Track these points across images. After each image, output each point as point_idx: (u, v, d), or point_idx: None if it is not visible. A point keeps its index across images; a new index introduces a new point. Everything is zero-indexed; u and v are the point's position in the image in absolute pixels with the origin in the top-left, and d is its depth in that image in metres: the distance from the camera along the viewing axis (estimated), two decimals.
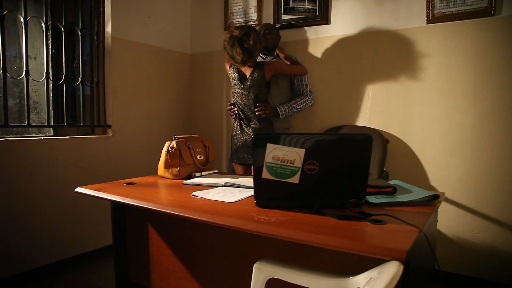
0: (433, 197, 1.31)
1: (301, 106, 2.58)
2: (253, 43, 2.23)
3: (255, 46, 2.25)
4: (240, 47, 2.22)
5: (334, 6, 2.71)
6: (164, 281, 1.72)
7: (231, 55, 2.28)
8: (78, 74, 2.65)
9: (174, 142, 1.87)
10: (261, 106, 2.40)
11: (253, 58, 2.29)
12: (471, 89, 2.27)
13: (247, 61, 2.28)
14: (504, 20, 2.15)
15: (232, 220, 1.13)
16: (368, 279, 0.89)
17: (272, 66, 2.38)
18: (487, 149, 2.24)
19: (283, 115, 2.51)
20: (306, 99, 2.60)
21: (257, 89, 2.38)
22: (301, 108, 2.59)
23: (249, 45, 2.23)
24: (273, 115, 2.48)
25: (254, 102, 2.40)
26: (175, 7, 3.28)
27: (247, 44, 2.22)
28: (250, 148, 2.37)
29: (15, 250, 2.27)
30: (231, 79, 2.48)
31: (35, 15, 2.45)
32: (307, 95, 2.61)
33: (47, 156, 2.41)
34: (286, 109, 2.52)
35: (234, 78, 2.44)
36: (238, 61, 2.28)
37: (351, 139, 1.22)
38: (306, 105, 2.60)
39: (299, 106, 2.57)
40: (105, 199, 1.50)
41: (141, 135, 3.03)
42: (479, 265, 2.28)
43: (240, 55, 2.23)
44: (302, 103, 2.58)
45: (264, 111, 2.40)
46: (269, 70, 2.37)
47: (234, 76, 2.44)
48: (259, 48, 2.31)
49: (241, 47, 2.22)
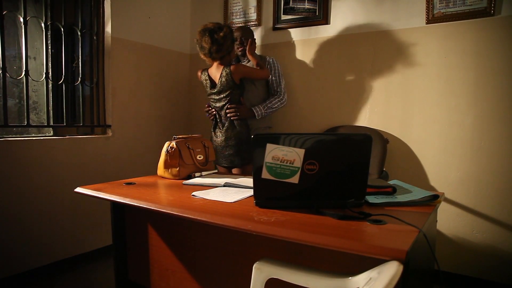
0: (433, 197, 1.31)
1: (276, 105, 2.53)
2: (223, 35, 2.24)
3: (225, 39, 2.25)
4: (210, 36, 2.24)
5: (334, 6, 2.71)
6: (164, 281, 1.72)
7: (200, 44, 2.28)
8: (78, 74, 2.65)
9: (174, 142, 1.87)
10: (232, 108, 2.38)
11: (221, 52, 2.28)
12: (471, 89, 2.27)
13: (214, 53, 2.27)
14: (503, 20, 2.15)
15: (232, 220, 1.13)
16: (368, 279, 0.89)
17: (238, 69, 2.36)
18: (487, 149, 2.24)
19: (259, 116, 2.47)
20: (280, 98, 2.55)
21: (228, 93, 2.37)
22: (276, 107, 2.54)
23: (218, 37, 2.24)
24: (248, 116, 2.45)
25: (227, 105, 2.39)
26: (175, 7, 3.28)
27: (217, 35, 2.24)
28: (224, 151, 2.41)
29: (15, 250, 2.27)
30: (203, 85, 2.49)
31: (35, 15, 2.45)
32: (281, 94, 2.57)
33: (46, 156, 2.41)
34: (262, 109, 2.48)
35: (205, 84, 2.45)
36: (205, 50, 2.27)
37: (350, 139, 1.23)
38: (281, 104, 2.56)
39: (274, 106, 2.52)
40: (104, 199, 1.50)
41: (141, 135, 3.03)
42: (479, 265, 2.28)
43: (208, 44, 2.24)
44: (276, 102, 2.53)
45: (236, 113, 2.38)
46: (236, 72, 2.34)
47: (206, 81, 2.45)
48: (229, 45, 2.30)
49: (211, 37, 2.23)
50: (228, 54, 2.37)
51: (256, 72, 2.43)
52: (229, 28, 2.33)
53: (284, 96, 2.58)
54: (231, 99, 2.39)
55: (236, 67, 2.34)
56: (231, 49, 2.38)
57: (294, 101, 2.91)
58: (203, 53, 2.32)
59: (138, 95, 2.99)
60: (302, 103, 2.88)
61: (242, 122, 2.41)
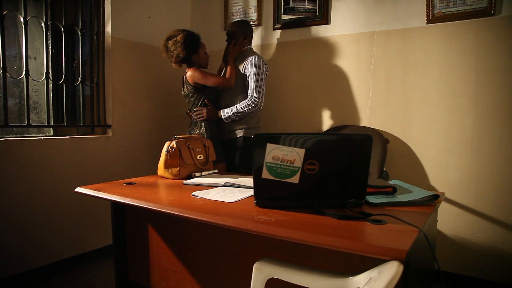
0: (433, 197, 1.31)
1: (246, 109, 2.39)
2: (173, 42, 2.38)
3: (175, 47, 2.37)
4: (164, 45, 2.44)
5: (334, 6, 2.71)
6: (164, 281, 1.72)
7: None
8: (78, 74, 2.65)
9: (174, 142, 1.87)
10: (197, 110, 2.50)
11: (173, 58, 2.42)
12: (471, 89, 2.27)
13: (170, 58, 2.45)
14: (503, 20, 2.15)
15: (232, 220, 1.13)
16: (368, 279, 0.89)
17: (191, 74, 2.45)
18: (487, 149, 2.24)
19: (226, 119, 2.45)
20: (251, 102, 2.38)
21: (190, 96, 2.52)
22: (245, 111, 2.40)
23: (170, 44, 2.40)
24: (214, 118, 2.48)
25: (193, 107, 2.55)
26: (175, 7, 3.28)
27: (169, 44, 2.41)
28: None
29: (15, 250, 2.26)
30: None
31: (35, 15, 2.45)
32: (251, 98, 2.39)
33: (47, 156, 2.41)
34: (229, 112, 2.42)
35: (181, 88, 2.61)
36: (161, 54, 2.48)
37: (351, 139, 1.22)
38: (251, 108, 2.39)
39: (242, 110, 2.39)
40: (105, 199, 1.50)
41: (141, 135, 3.03)
42: (479, 265, 2.28)
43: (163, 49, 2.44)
44: (245, 106, 2.39)
45: (200, 115, 2.47)
46: (190, 77, 2.45)
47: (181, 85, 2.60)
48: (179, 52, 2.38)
49: (165, 45, 2.43)
50: (190, 59, 2.45)
51: (212, 79, 2.45)
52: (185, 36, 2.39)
53: (257, 99, 2.38)
54: (194, 102, 2.52)
55: (190, 72, 2.45)
56: (190, 56, 2.43)
57: (294, 101, 2.91)
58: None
59: (138, 95, 2.99)
60: (302, 103, 2.88)
61: (210, 124, 2.50)
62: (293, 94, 2.91)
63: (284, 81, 2.93)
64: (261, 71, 2.45)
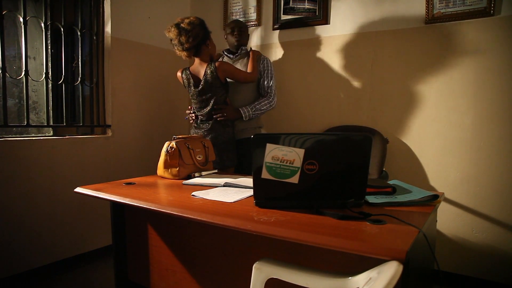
0: (433, 197, 1.31)
1: (265, 107, 2.41)
2: (190, 21, 2.14)
3: (192, 26, 2.14)
4: (176, 27, 2.15)
5: (334, 6, 2.71)
6: (164, 281, 1.72)
7: (170, 39, 2.20)
8: (77, 74, 2.65)
9: (174, 142, 1.87)
10: (218, 108, 2.27)
11: (192, 41, 2.15)
12: (470, 89, 2.27)
13: (185, 43, 2.15)
14: (503, 20, 2.15)
15: (232, 220, 1.13)
16: (368, 279, 0.89)
17: (223, 67, 2.22)
18: (486, 149, 2.24)
19: (246, 117, 2.34)
20: (269, 100, 2.42)
21: (213, 92, 2.24)
22: (265, 109, 2.41)
23: (185, 24, 2.14)
24: (235, 117, 2.32)
25: (212, 105, 2.27)
26: (175, 7, 3.28)
27: (183, 24, 2.14)
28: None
29: (15, 250, 2.26)
30: (184, 85, 2.36)
31: (35, 15, 2.45)
32: (270, 96, 2.43)
33: (46, 156, 2.40)
34: (250, 110, 2.35)
35: (187, 83, 2.32)
36: (175, 43, 2.18)
37: (350, 139, 1.22)
38: (270, 106, 2.43)
39: (262, 108, 2.39)
40: (104, 199, 1.50)
41: (141, 135, 3.03)
42: (479, 265, 2.28)
43: (175, 34, 2.14)
44: (265, 104, 2.40)
45: (223, 114, 2.26)
46: (221, 70, 2.21)
47: (187, 81, 2.31)
48: (199, 32, 2.17)
49: (177, 27, 2.15)
50: (204, 45, 2.23)
51: (241, 74, 2.31)
52: (198, 18, 2.20)
53: (274, 98, 2.46)
54: (216, 99, 2.26)
55: (221, 64, 2.22)
56: (206, 40, 2.23)
57: (294, 101, 2.91)
58: (176, 48, 2.21)
59: (138, 95, 2.99)
60: (302, 103, 2.88)
61: (227, 123, 2.31)
62: (293, 94, 2.91)
63: (284, 81, 2.93)
64: (273, 71, 2.51)
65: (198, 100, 2.31)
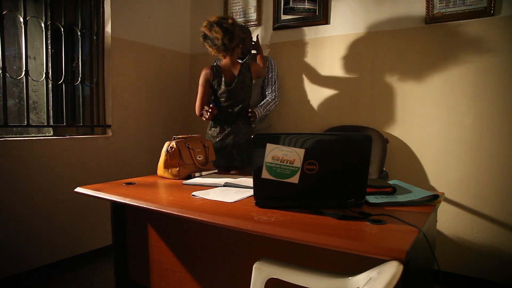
0: (433, 197, 1.31)
1: (273, 106, 2.55)
2: (232, 22, 2.13)
3: (234, 27, 2.13)
4: (220, 27, 2.09)
5: (334, 6, 2.71)
6: (164, 281, 1.72)
7: (211, 38, 2.14)
8: (77, 74, 2.65)
9: (174, 142, 1.87)
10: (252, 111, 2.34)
11: (234, 41, 2.15)
12: (470, 89, 2.27)
13: (228, 44, 2.14)
14: (503, 20, 2.15)
15: (232, 220, 1.13)
16: (368, 279, 0.89)
17: (256, 68, 2.30)
18: (486, 149, 2.24)
19: (258, 118, 2.46)
20: (275, 99, 2.57)
21: (245, 91, 2.27)
22: (271, 109, 2.55)
23: (228, 25, 2.11)
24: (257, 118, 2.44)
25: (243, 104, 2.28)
26: (174, 7, 3.28)
27: (226, 24, 2.11)
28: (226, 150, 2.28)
29: (15, 250, 2.26)
30: (212, 83, 2.26)
31: (35, 15, 2.45)
32: (275, 94, 2.57)
33: (46, 156, 2.40)
34: (262, 111, 2.47)
35: (217, 81, 2.24)
36: (218, 42, 2.12)
37: (350, 139, 1.22)
38: (275, 104, 2.57)
39: (271, 108, 2.54)
40: (104, 199, 1.50)
41: (141, 135, 3.03)
42: (479, 265, 2.28)
43: (220, 34, 2.09)
44: (272, 103, 2.54)
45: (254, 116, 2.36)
46: (255, 71, 2.28)
47: (218, 79, 2.24)
48: (238, 34, 2.17)
49: (221, 27, 2.09)
50: (243, 43, 2.32)
51: (264, 70, 2.43)
52: (234, 18, 2.21)
53: (278, 96, 2.60)
54: (246, 99, 2.30)
55: (254, 66, 2.30)
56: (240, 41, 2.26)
57: (294, 101, 2.91)
58: (215, 47, 2.17)
59: (138, 95, 2.99)
60: (302, 103, 2.88)
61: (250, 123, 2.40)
62: (292, 94, 2.91)
63: (283, 81, 2.93)
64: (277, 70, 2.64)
65: (229, 98, 2.25)
